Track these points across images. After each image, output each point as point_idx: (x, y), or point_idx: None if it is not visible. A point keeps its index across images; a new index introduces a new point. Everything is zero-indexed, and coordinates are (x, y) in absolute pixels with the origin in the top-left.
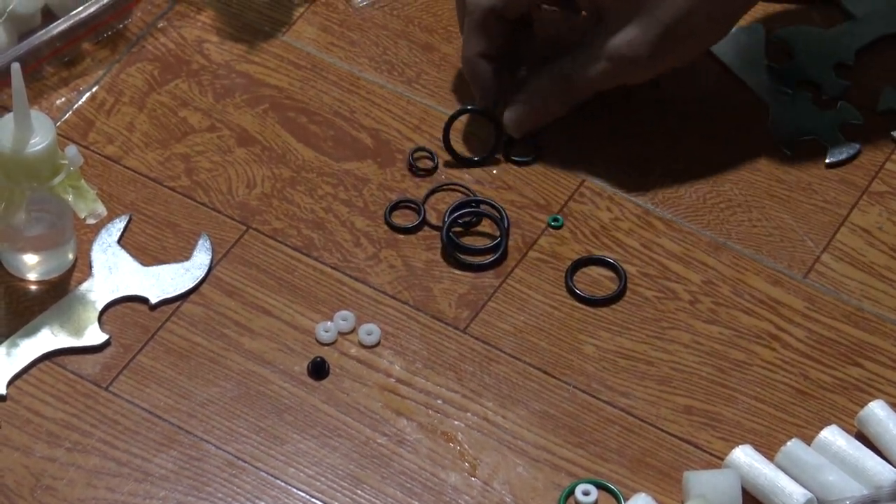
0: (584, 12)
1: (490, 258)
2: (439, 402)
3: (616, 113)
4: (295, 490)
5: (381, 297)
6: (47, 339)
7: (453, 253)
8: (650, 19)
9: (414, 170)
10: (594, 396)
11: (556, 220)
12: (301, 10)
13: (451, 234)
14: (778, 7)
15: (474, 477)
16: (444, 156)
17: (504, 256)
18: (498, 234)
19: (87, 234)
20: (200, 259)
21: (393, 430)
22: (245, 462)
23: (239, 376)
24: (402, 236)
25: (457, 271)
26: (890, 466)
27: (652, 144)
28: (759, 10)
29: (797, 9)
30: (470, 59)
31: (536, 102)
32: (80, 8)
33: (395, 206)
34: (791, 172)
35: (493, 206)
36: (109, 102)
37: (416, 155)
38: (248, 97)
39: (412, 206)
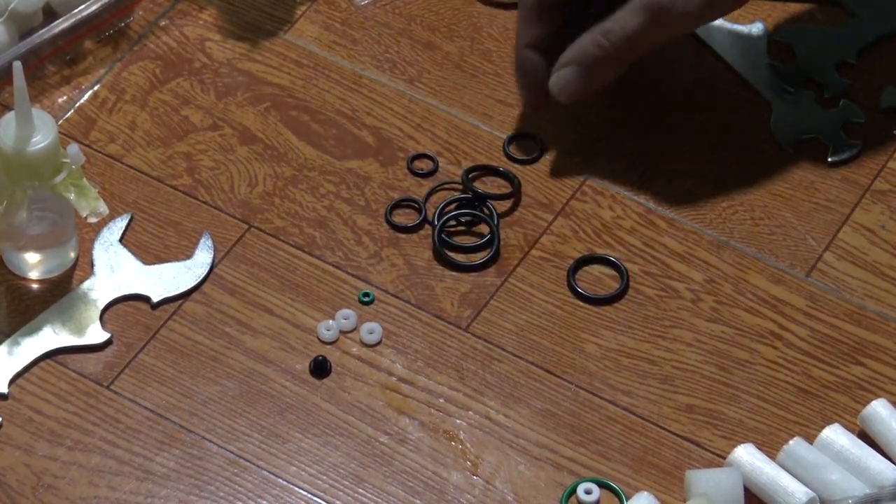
0: None
1: (485, 256)
2: (441, 400)
3: (618, 111)
4: (296, 489)
5: (382, 295)
6: (49, 337)
7: (445, 255)
8: None
9: (414, 172)
10: (596, 395)
11: (366, 294)
12: (303, 8)
13: (442, 235)
14: (780, 5)
15: (476, 475)
16: (444, 158)
17: (497, 253)
18: (488, 231)
19: (88, 233)
20: (202, 258)
21: (395, 428)
22: (247, 461)
23: (240, 375)
24: (403, 235)
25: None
26: (892, 465)
27: (654, 143)
28: (761, 9)
29: (800, 7)
30: (520, 51)
31: (582, 66)
32: (82, 6)
33: (397, 205)
34: (793, 171)
35: (481, 202)
36: (111, 101)
37: (415, 163)
38: (249, 95)
39: (414, 205)
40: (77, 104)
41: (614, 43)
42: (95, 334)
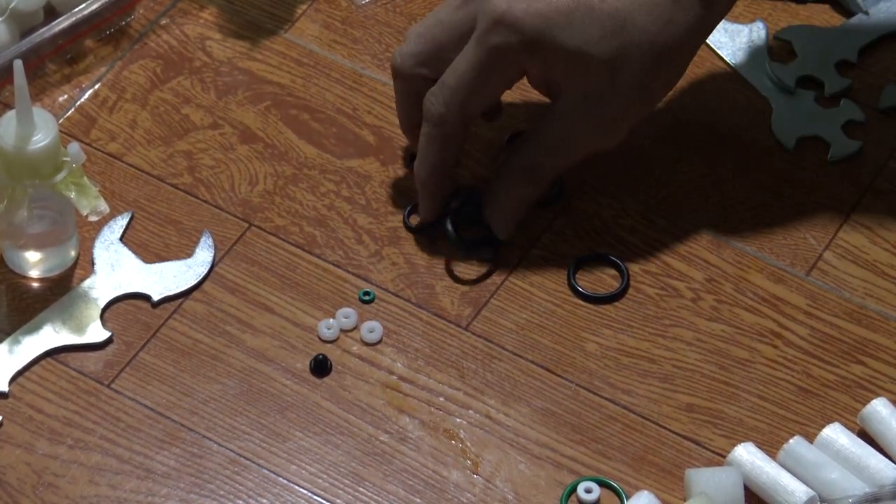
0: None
1: (486, 255)
2: (441, 399)
3: None
4: (297, 487)
5: (383, 294)
6: (49, 336)
7: (458, 240)
8: (610, 92)
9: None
10: (596, 394)
11: (367, 293)
12: (303, 7)
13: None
14: (780, 5)
15: (476, 474)
16: None
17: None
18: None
19: (89, 232)
20: (202, 256)
21: (395, 427)
22: (247, 459)
23: (241, 374)
24: (403, 234)
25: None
26: (892, 464)
27: (654, 142)
28: (761, 9)
29: (800, 7)
30: (428, 174)
31: (514, 201)
32: (83, 5)
33: (414, 209)
34: (793, 170)
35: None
36: (112, 99)
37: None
38: (250, 94)
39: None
40: (78, 103)
41: (545, 173)
42: (96, 333)
